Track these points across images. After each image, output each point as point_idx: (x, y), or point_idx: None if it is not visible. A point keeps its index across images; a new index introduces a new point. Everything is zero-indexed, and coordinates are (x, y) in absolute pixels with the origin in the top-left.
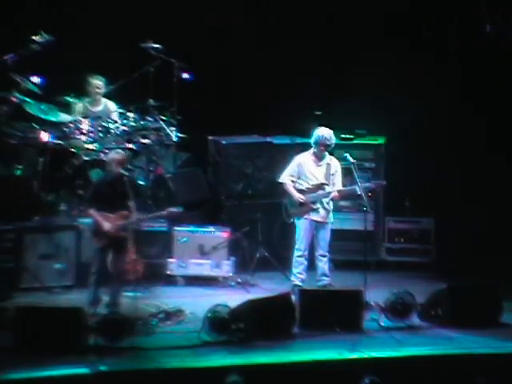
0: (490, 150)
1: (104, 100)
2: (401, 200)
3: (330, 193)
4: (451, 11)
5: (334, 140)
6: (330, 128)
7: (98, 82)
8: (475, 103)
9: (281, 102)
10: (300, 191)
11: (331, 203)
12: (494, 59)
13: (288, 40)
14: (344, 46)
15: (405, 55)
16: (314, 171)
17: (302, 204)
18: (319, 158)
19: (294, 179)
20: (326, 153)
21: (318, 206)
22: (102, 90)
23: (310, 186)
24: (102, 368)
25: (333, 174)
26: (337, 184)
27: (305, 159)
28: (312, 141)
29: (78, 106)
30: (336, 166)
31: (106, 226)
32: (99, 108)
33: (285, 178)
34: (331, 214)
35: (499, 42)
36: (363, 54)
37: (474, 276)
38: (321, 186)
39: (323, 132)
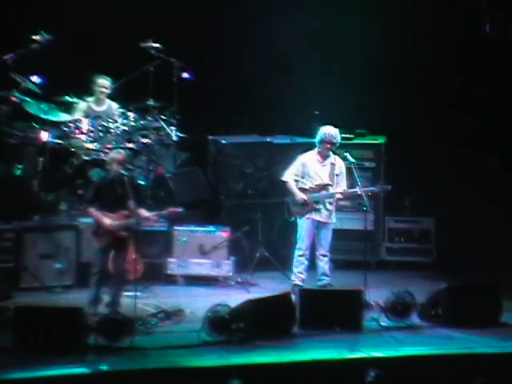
0: (490, 150)
1: (108, 100)
2: (401, 200)
3: (333, 194)
4: (451, 11)
5: (339, 138)
6: None
7: (104, 82)
8: (475, 103)
9: (281, 102)
10: (303, 190)
11: (334, 204)
12: (494, 59)
13: (288, 40)
14: (343, 45)
15: (404, 55)
16: (318, 171)
17: (304, 203)
18: (324, 157)
19: (298, 178)
20: (331, 152)
21: (321, 206)
22: (108, 91)
23: (313, 186)
24: (102, 368)
25: (337, 175)
26: (341, 185)
27: (309, 159)
28: (317, 139)
29: (81, 105)
30: (341, 166)
31: (107, 221)
32: (103, 108)
33: (288, 176)
34: (334, 215)
35: (499, 41)
36: (362, 53)
37: (474, 276)
38: (324, 187)
39: (329, 130)
